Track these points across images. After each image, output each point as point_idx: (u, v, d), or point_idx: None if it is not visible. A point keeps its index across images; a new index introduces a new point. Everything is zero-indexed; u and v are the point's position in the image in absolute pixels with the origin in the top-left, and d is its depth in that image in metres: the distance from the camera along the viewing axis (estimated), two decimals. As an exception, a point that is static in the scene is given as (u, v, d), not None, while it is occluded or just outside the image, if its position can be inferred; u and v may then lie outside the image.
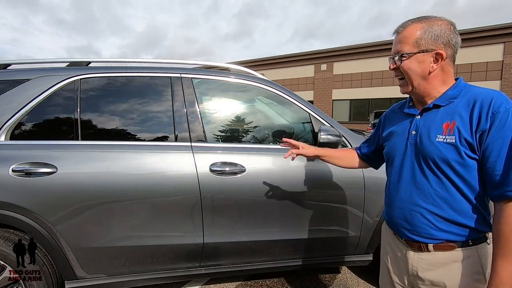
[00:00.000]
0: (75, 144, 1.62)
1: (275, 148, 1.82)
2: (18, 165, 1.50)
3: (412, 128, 0.94)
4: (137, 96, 1.78)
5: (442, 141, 0.85)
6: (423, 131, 0.90)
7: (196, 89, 1.81)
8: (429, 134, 0.88)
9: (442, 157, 0.84)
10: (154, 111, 1.77)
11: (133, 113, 1.75)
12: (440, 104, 0.89)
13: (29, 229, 1.52)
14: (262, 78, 1.94)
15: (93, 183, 1.55)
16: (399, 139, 0.98)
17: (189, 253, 1.71)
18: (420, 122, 0.93)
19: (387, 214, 1.04)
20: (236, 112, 1.98)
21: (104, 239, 1.60)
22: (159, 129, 1.76)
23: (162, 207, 1.63)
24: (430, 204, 0.88)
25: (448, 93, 0.89)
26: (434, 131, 0.88)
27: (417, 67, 0.89)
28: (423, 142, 0.89)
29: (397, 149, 0.98)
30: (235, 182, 1.68)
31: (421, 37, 0.87)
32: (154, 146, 1.69)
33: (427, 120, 0.91)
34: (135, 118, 1.74)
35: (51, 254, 1.58)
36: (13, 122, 1.59)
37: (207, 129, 1.78)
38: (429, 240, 0.89)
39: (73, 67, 1.78)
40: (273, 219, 1.76)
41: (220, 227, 1.70)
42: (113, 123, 1.72)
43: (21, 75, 1.68)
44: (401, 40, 0.91)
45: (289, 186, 1.74)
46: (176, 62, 1.91)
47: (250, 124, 2.00)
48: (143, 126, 1.74)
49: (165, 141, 1.72)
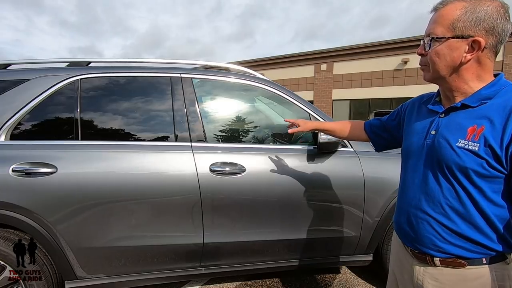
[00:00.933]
0: (75, 144, 1.62)
1: (275, 148, 1.82)
2: (18, 165, 1.50)
3: (433, 127, 0.82)
4: (137, 96, 1.78)
5: (463, 146, 0.73)
6: (444, 132, 0.78)
7: (196, 89, 1.80)
8: (449, 136, 0.77)
9: (460, 165, 0.73)
10: (154, 111, 1.77)
11: (133, 113, 1.75)
12: (469, 105, 0.76)
13: (29, 229, 1.52)
14: (262, 78, 1.94)
15: (93, 183, 1.55)
16: (417, 137, 0.87)
17: (189, 253, 1.71)
18: (442, 122, 0.81)
19: (395, 219, 0.95)
20: (236, 112, 1.98)
21: (104, 239, 1.59)
22: (159, 129, 1.76)
23: (162, 207, 1.63)
24: (439, 214, 0.78)
25: (481, 92, 0.75)
26: (457, 134, 0.75)
27: (447, 55, 0.75)
28: (441, 144, 0.77)
29: (413, 148, 0.87)
30: (235, 182, 1.68)
31: (459, 18, 0.72)
32: (154, 146, 1.68)
33: (451, 121, 0.79)
34: (135, 118, 1.74)
35: (51, 254, 1.58)
36: (13, 122, 1.59)
37: (207, 129, 1.78)
38: (435, 253, 0.80)
39: (73, 67, 1.78)
40: (273, 219, 1.76)
41: (220, 227, 1.70)
42: (113, 123, 1.72)
43: (21, 75, 1.68)
44: (436, 20, 0.76)
45: (289, 186, 1.74)
46: (176, 62, 1.91)
47: (250, 124, 2.00)
48: (143, 126, 1.74)
49: (165, 141, 1.72)
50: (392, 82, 16.55)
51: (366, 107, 17.72)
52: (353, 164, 1.83)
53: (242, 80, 1.88)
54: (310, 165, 1.78)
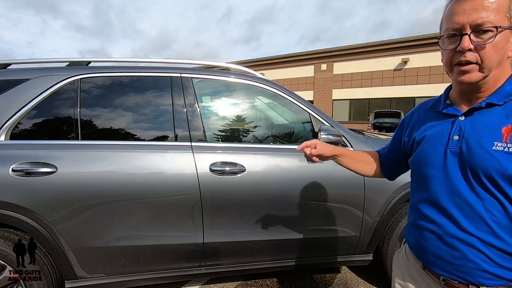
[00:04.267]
0: (75, 143, 1.62)
1: (275, 148, 1.82)
2: (18, 164, 1.50)
3: (454, 132, 0.71)
4: (137, 95, 1.77)
5: (502, 149, 0.63)
6: (472, 136, 0.68)
7: (196, 89, 1.80)
8: (481, 140, 0.66)
9: (502, 171, 0.63)
10: (154, 111, 1.77)
11: (133, 113, 1.75)
12: (495, 103, 0.68)
13: (29, 229, 1.52)
14: (262, 77, 1.93)
15: (93, 183, 1.55)
16: (434, 145, 0.75)
17: (189, 252, 1.71)
18: (466, 125, 0.70)
19: (414, 239, 0.80)
20: (236, 112, 1.97)
21: (104, 239, 1.59)
22: (159, 128, 1.75)
23: (162, 206, 1.63)
24: (484, 231, 0.65)
25: (506, 87, 0.68)
26: (489, 136, 0.66)
27: (502, 48, 0.65)
28: (474, 150, 0.67)
29: (431, 158, 0.75)
30: (235, 182, 1.68)
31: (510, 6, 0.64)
32: (154, 146, 1.68)
33: (477, 123, 0.69)
34: (135, 118, 1.74)
35: (51, 254, 1.58)
36: (13, 122, 1.59)
37: (207, 128, 1.77)
38: (484, 280, 0.66)
39: (73, 66, 1.78)
40: (273, 218, 1.75)
41: (220, 227, 1.70)
42: (113, 122, 1.72)
43: (21, 75, 1.68)
44: (484, 6, 0.64)
45: (289, 185, 1.74)
46: (176, 62, 1.90)
47: (250, 124, 1.99)
48: (143, 126, 1.74)
49: (165, 141, 1.72)
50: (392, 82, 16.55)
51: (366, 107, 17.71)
52: (353, 164, 1.83)
53: (242, 79, 1.88)
54: (310, 164, 1.78)
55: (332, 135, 1.70)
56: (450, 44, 0.70)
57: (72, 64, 1.81)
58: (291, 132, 2.04)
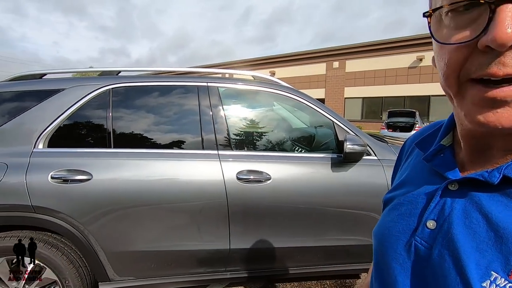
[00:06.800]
0: (109, 151, 1.68)
1: (299, 156, 1.84)
2: (56, 172, 1.58)
3: (431, 213, 0.39)
4: (165, 105, 1.83)
5: None
6: (457, 238, 0.34)
7: (222, 98, 1.84)
8: (467, 257, 0.32)
9: None
10: (182, 120, 1.82)
11: (161, 122, 1.80)
12: None
13: (65, 233, 1.60)
14: (287, 86, 1.96)
15: (125, 190, 1.62)
16: (396, 222, 0.43)
17: (216, 258, 1.76)
18: (456, 207, 0.36)
19: None
20: (260, 120, 2.01)
21: (135, 243, 1.66)
22: (187, 137, 1.80)
23: (190, 213, 1.68)
24: None
25: None
26: (487, 253, 0.31)
27: None
28: (447, 272, 0.33)
29: (388, 244, 0.43)
30: (261, 189, 1.72)
31: None
32: (181, 154, 1.73)
33: (472, 211, 0.34)
34: (164, 126, 1.80)
35: (86, 256, 1.66)
36: (50, 130, 1.67)
37: (233, 137, 1.81)
38: None
39: (105, 76, 1.85)
40: (297, 226, 1.78)
41: (245, 234, 1.75)
42: (142, 131, 1.78)
43: (56, 85, 1.75)
44: None
45: (314, 194, 1.77)
46: (203, 72, 1.95)
47: (274, 132, 2.03)
48: (171, 134, 1.80)
49: (193, 149, 1.77)
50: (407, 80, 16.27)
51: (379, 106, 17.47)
52: (377, 172, 1.84)
53: (266, 88, 1.91)
54: (334, 173, 1.80)
55: (357, 145, 1.71)
56: (459, 29, 0.31)
57: (103, 74, 1.88)
58: (314, 140, 2.06)
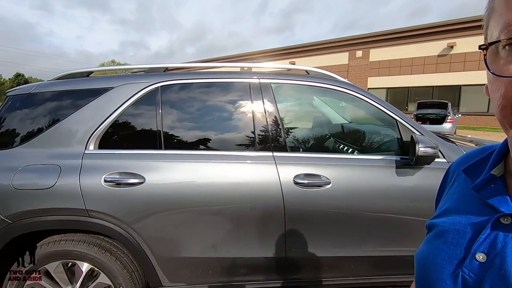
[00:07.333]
0: (160, 153, 1.61)
1: (360, 159, 1.70)
2: (109, 175, 1.52)
3: (480, 246, 0.38)
4: (216, 103, 1.72)
5: None
6: None
7: (276, 95, 1.71)
8: None
9: None
10: (234, 119, 1.71)
11: (212, 122, 1.70)
12: None
13: (118, 237, 1.55)
14: (345, 81, 1.80)
15: (178, 194, 1.54)
16: (440, 252, 0.43)
17: (271, 265, 1.67)
18: (509, 242, 0.35)
19: None
20: (316, 119, 1.86)
21: (187, 249, 1.59)
22: (240, 137, 1.69)
23: (244, 219, 1.59)
24: None
25: None
26: None
27: None
28: None
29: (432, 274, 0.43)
30: (320, 194, 1.59)
31: None
32: (235, 156, 1.63)
33: None
34: (215, 127, 1.70)
35: (139, 261, 1.61)
36: (101, 131, 1.61)
37: (289, 137, 1.69)
38: None
39: (152, 73, 1.76)
40: (359, 235, 1.65)
41: (303, 241, 1.63)
42: (194, 131, 1.69)
43: (104, 83, 1.68)
44: None
45: (377, 199, 1.62)
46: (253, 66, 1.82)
47: (332, 132, 1.88)
48: (223, 135, 1.69)
49: (246, 151, 1.66)
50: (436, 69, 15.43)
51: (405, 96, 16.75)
52: (446, 176, 1.66)
53: (323, 84, 1.76)
54: (399, 177, 1.64)
55: (430, 148, 1.53)
56: None
57: (150, 71, 1.80)
58: (374, 140, 1.89)
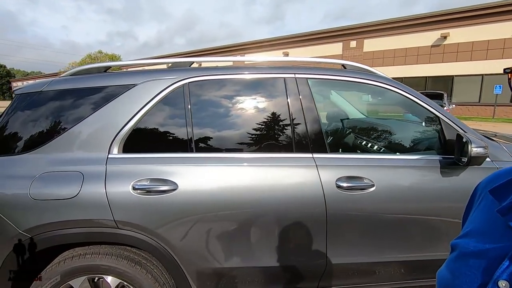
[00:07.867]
0: (191, 157, 1.47)
1: (404, 159, 1.60)
2: (137, 182, 1.38)
3: (503, 273, 0.37)
4: (249, 101, 1.59)
5: None
6: None
7: (313, 91, 1.59)
8: None
9: None
10: (270, 118, 1.58)
11: (246, 121, 1.57)
12: None
13: (150, 249, 1.43)
14: (384, 76, 1.68)
15: (212, 201, 1.42)
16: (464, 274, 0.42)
17: (310, 272, 1.58)
18: None
19: None
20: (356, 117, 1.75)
21: (223, 259, 1.48)
22: (276, 138, 1.57)
23: (283, 226, 1.48)
24: None
25: None
26: None
27: None
28: None
29: None
30: (364, 198, 1.50)
31: None
32: (272, 159, 1.51)
33: None
34: (250, 126, 1.56)
35: (171, 272, 1.49)
36: (125, 133, 1.46)
37: (329, 137, 1.58)
38: None
39: (177, 68, 1.60)
40: (405, 239, 1.57)
41: (345, 248, 1.55)
42: (227, 132, 1.56)
43: (126, 80, 1.52)
44: None
45: (424, 202, 1.54)
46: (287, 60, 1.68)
47: (375, 131, 1.77)
48: (258, 135, 1.56)
49: (284, 153, 1.54)
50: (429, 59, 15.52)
51: (398, 87, 16.86)
52: (491, 176, 1.59)
53: (362, 79, 1.64)
54: (444, 178, 1.56)
55: (481, 147, 1.45)
56: None
57: (174, 66, 1.64)
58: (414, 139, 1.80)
